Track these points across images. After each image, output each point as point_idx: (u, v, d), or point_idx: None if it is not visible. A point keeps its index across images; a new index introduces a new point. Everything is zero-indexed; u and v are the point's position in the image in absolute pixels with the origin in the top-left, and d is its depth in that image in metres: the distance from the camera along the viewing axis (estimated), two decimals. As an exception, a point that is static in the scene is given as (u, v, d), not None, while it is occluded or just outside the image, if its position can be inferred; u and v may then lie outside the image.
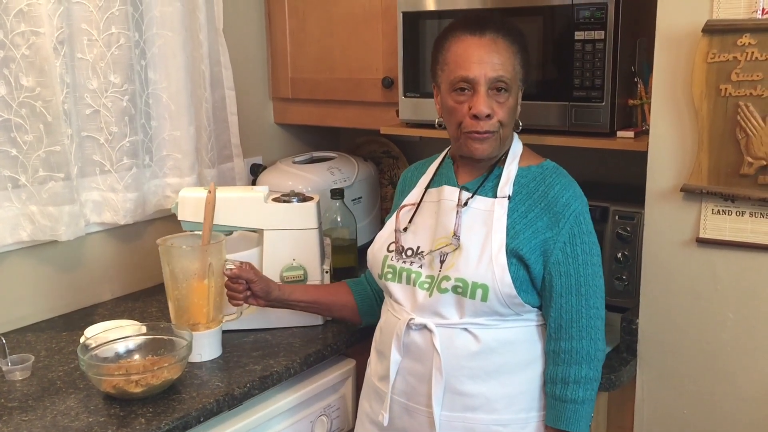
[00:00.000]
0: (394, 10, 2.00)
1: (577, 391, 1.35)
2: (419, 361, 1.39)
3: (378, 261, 1.49)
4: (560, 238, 1.36)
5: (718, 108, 1.44)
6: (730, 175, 1.45)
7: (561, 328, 1.37)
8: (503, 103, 1.37)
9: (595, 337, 1.37)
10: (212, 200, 1.65)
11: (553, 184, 1.40)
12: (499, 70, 1.35)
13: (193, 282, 1.59)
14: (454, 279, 1.36)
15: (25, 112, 1.72)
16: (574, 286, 1.36)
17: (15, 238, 1.76)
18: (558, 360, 1.37)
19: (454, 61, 1.38)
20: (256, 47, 2.37)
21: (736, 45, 1.40)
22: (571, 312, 1.36)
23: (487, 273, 1.34)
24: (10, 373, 1.54)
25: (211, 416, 1.44)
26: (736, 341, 1.51)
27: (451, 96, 1.39)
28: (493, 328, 1.37)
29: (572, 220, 1.37)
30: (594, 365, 1.37)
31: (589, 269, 1.37)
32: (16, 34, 1.68)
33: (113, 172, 1.91)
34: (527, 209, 1.39)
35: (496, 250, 1.35)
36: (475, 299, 1.35)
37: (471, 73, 1.35)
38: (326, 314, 1.73)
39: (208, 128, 2.11)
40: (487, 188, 1.43)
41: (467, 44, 1.37)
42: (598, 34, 1.65)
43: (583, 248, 1.37)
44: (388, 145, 2.53)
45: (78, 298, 1.94)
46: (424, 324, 1.38)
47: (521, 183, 1.42)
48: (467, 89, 1.37)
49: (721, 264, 1.50)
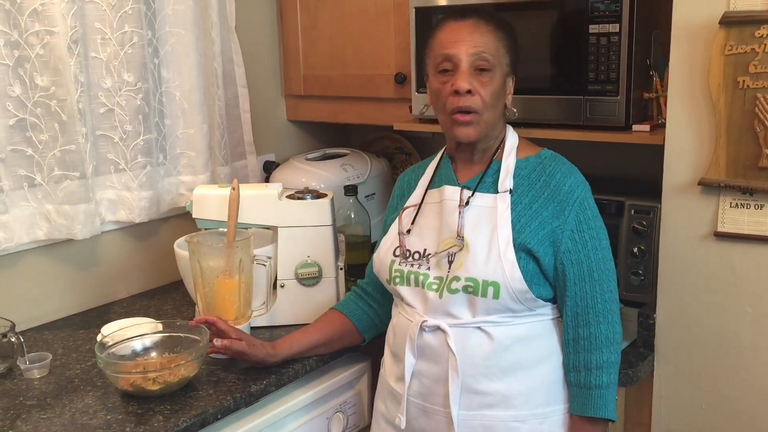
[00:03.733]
0: (406, 5, 1.99)
1: (601, 377, 1.35)
2: (434, 362, 1.39)
3: (385, 266, 1.48)
4: (567, 226, 1.36)
5: (735, 100, 1.43)
6: (749, 168, 1.44)
7: (578, 316, 1.36)
8: (487, 83, 1.37)
9: (612, 320, 1.37)
10: (236, 197, 1.66)
11: (553, 173, 1.40)
12: (481, 46, 1.36)
13: (223, 279, 1.59)
14: (464, 279, 1.36)
15: (40, 112, 1.73)
16: (587, 272, 1.36)
17: (31, 237, 1.77)
18: (578, 348, 1.37)
19: (438, 44, 1.40)
20: (268, 44, 2.37)
21: (753, 36, 1.39)
22: (586, 298, 1.36)
23: (496, 270, 1.34)
24: (28, 371, 1.54)
25: (228, 413, 1.44)
26: (754, 336, 1.49)
27: (437, 78, 1.40)
28: (506, 325, 1.36)
29: (577, 207, 1.37)
30: (614, 348, 1.37)
31: (599, 254, 1.37)
32: (31, 33, 1.69)
33: (128, 170, 1.92)
34: (530, 201, 1.38)
35: (503, 246, 1.35)
36: (486, 297, 1.34)
37: (452, 50, 1.37)
38: (327, 351, 1.63)
39: (221, 126, 2.12)
40: (488, 184, 1.42)
41: (451, 27, 1.40)
42: (612, 27, 1.64)
43: (591, 234, 1.37)
44: (400, 141, 2.52)
45: (94, 296, 1.95)
46: (437, 325, 1.37)
47: (521, 175, 1.41)
48: (450, 69, 1.38)
49: (739, 258, 1.49)
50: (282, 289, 1.76)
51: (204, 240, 1.67)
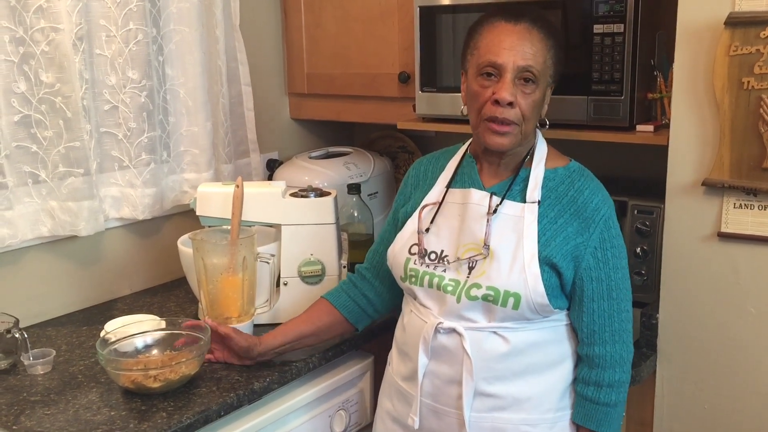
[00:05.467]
0: (410, 4, 1.99)
1: (611, 395, 1.35)
2: (447, 364, 1.38)
3: (400, 264, 1.46)
4: (591, 243, 1.35)
5: (740, 101, 1.43)
6: (753, 169, 1.44)
7: (594, 333, 1.36)
8: (528, 94, 1.34)
9: (627, 340, 1.38)
10: (240, 195, 1.66)
11: (582, 189, 1.38)
12: (529, 59, 1.32)
13: (227, 276, 1.60)
14: (485, 287, 1.34)
15: (44, 108, 1.73)
16: (606, 290, 1.35)
17: (35, 233, 1.77)
18: (591, 364, 1.37)
19: (485, 46, 1.35)
20: (272, 43, 2.37)
21: (759, 37, 1.39)
22: (603, 317, 1.36)
23: (519, 281, 1.32)
24: (31, 367, 1.55)
25: (231, 410, 1.44)
26: (757, 336, 1.49)
27: (477, 80, 1.36)
28: (522, 330, 1.35)
29: (602, 225, 1.36)
30: (626, 368, 1.37)
31: (619, 273, 1.37)
32: (36, 30, 1.69)
33: (131, 167, 1.92)
34: (557, 215, 1.37)
35: (528, 259, 1.33)
36: (506, 307, 1.33)
37: (500, 59, 1.32)
38: (317, 342, 1.61)
39: (225, 124, 2.12)
40: (515, 192, 1.40)
41: (500, 30, 1.34)
42: (617, 27, 1.64)
43: (613, 252, 1.36)
44: (403, 140, 2.52)
45: (97, 292, 1.95)
46: (453, 328, 1.36)
47: (549, 186, 1.39)
48: (494, 75, 1.33)
49: (742, 258, 1.49)
50: (285, 286, 1.76)
51: (208, 237, 1.67)
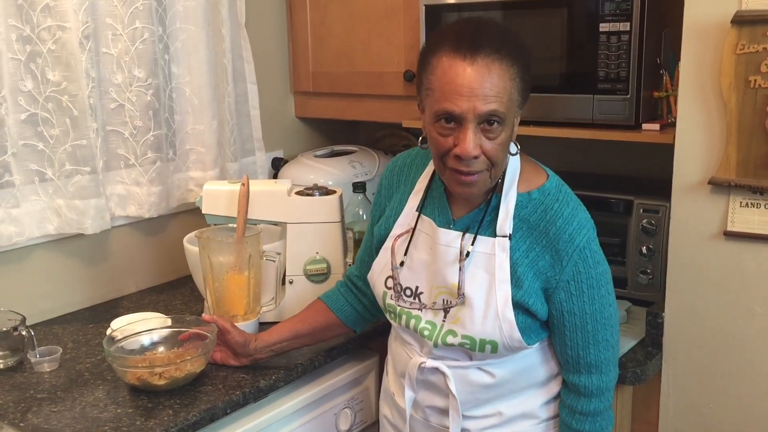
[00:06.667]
0: (416, 3, 2.00)
1: (584, 423, 1.33)
2: (435, 394, 1.38)
3: (378, 294, 1.42)
4: (563, 276, 1.27)
5: (747, 100, 1.42)
6: (760, 168, 1.43)
7: (568, 363, 1.33)
8: (494, 138, 1.19)
9: (605, 370, 1.32)
10: (246, 193, 1.67)
11: (554, 219, 1.27)
12: (492, 102, 1.16)
13: (233, 274, 1.60)
14: (461, 336, 1.30)
15: (51, 107, 1.74)
16: (580, 324, 1.29)
17: (42, 231, 1.78)
18: (568, 389, 1.35)
19: (439, 89, 1.18)
20: (277, 41, 2.37)
21: (765, 36, 1.38)
22: (577, 348, 1.30)
23: (494, 330, 1.27)
24: (38, 364, 1.55)
25: (237, 408, 1.45)
26: (763, 335, 1.49)
27: (435, 127, 1.21)
28: (507, 362, 1.33)
29: (576, 257, 1.26)
30: (604, 397, 1.33)
31: (596, 304, 1.29)
32: (43, 29, 1.70)
33: (137, 165, 1.93)
34: (528, 248, 1.28)
35: (501, 305, 1.27)
36: (484, 352, 1.30)
37: (458, 108, 1.16)
38: (314, 342, 1.59)
39: (231, 122, 2.12)
40: (486, 224, 1.30)
41: (455, 70, 1.16)
42: (623, 25, 1.64)
43: (590, 283, 1.27)
44: (408, 139, 2.52)
45: (103, 290, 1.96)
46: (436, 367, 1.35)
47: (521, 216, 1.29)
48: (453, 121, 1.19)
49: (749, 257, 1.48)
50: (291, 285, 1.76)
51: (214, 235, 1.67)
